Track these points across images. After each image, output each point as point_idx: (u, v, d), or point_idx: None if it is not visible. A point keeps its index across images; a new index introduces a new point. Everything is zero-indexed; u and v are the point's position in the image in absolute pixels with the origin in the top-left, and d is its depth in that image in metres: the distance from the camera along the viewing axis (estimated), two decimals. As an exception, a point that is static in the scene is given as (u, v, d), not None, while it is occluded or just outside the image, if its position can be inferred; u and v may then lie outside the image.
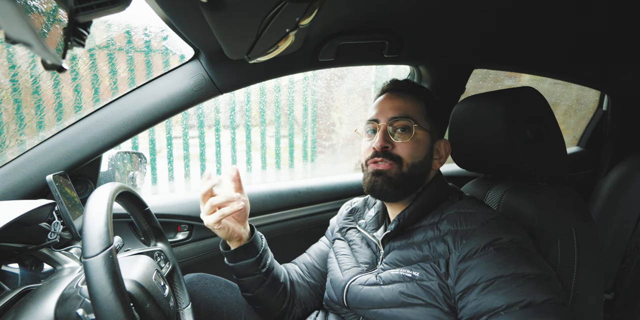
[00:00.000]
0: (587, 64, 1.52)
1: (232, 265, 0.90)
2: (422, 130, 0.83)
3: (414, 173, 0.82)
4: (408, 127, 0.82)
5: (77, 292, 0.60)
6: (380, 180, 0.82)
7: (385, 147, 0.82)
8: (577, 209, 0.84)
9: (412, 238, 0.81)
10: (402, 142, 0.82)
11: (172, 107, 1.04)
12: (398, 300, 0.75)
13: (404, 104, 0.85)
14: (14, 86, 1.50)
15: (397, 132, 0.83)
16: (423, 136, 0.84)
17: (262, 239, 0.94)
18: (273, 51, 0.79)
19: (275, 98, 2.26)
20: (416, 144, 0.82)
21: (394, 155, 0.82)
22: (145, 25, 1.61)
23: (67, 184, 0.97)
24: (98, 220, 0.56)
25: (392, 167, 0.82)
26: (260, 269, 0.90)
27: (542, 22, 1.12)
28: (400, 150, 0.82)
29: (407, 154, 0.82)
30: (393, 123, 0.83)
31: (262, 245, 0.92)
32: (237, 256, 0.89)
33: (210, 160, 2.20)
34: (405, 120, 0.82)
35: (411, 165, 0.82)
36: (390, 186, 0.81)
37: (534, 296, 0.62)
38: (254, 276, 0.90)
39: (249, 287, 0.92)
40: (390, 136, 0.83)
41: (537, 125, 0.86)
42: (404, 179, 0.82)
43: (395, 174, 0.81)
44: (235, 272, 0.91)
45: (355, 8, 0.94)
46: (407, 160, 0.82)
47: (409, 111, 0.84)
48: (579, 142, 2.00)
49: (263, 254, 0.91)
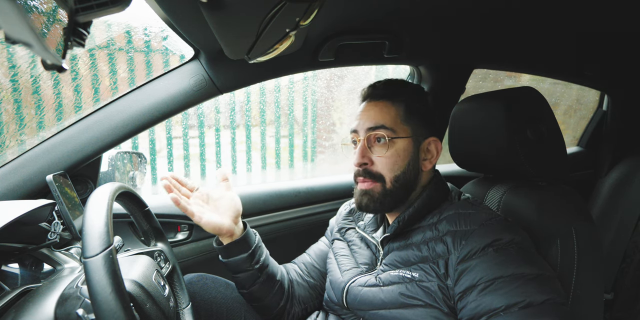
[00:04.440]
0: (587, 64, 1.52)
1: (225, 261, 0.91)
2: (400, 139, 0.82)
3: (399, 186, 0.82)
4: (384, 138, 0.81)
5: (77, 292, 0.60)
6: (366, 199, 0.84)
7: (364, 164, 0.83)
8: (577, 209, 0.84)
9: (411, 239, 0.81)
10: (381, 157, 0.82)
11: (172, 107, 1.04)
12: (398, 302, 0.75)
13: (379, 113, 0.83)
14: (14, 86, 1.49)
15: (376, 144, 0.83)
16: (403, 144, 0.82)
17: (256, 235, 0.95)
18: (273, 51, 0.79)
19: (275, 98, 2.25)
20: (396, 155, 0.82)
21: (374, 174, 0.82)
22: (145, 25, 1.61)
23: (67, 184, 0.97)
24: (98, 220, 0.56)
25: (375, 186, 0.83)
26: (253, 265, 0.91)
27: (542, 22, 1.12)
28: (379, 166, 0.82)
29: (387, 169, 0.82)
30: (370, 136, 0.83)
31: (255, 242, 0.93)
32: (229, 251, 0.90)
33: (210, 160, 2.19)
34: (381, 131, 0.81)
35: (394, 180, 0.82)
36: (376, 204, 0.83)
37: (533, 296, 0.62)
38: (247, 272, 0.91)
39: (244, 283, 0.93)
40: (369, 150, 0.83)
41: (537, 125, 0.86)
42: (389, 196, 0.82)
43: (379, 193, 0.82)
44: (229, 268, 0.92)
45: (355, 8, 0.94)
46: (389, 175, 0.82)
47: (385, 121, 0.82)
48: (579, 142, 2.00)
49: (256, 250, 0.92)
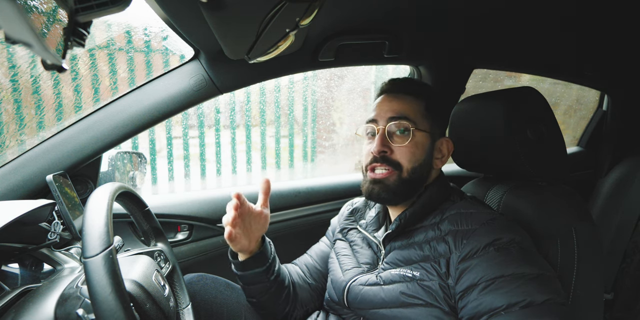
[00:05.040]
0: (587, 64, 1.52)
1: (241, 274, 0.89)
2: (421, 131, 0.83)
3: (414, 177, 0.82)
4: (407, 129, 0.82)
5: (77, 292, 0.60)
6: (377, 188, 0.82)
7: (383, 152, 0.82)
8: (577, 209, 0.84)
9: (413, 238, 0.81)
10: (401, 146, 0.82)
11: (172, 107, 1.04)
12: (398, 300, 0.75)
13: (402, 105, 0.84)
14: (14, 86, 1.49)
15: (395, 135, 0.83)
16: (422, 137, 0.83)
17: (271, 245, 0.93)
18: (273, 51, 0.79)
19: (275, 98, 2.25)
20: (415, 146, 0.82)
21: (392, 161, 0.82)
22: (145, 25, 1.61)
23: (67, 184, 0.97)
24: (98, 220, 0.56)
25: (390, 175, 0.82)
26: (269, 277, 0.89)
27: (542, 22, 1.12)
28: (398, 155, 0.82)
29: (406, 158, 0.81)
30: (391, 125, 0.83)
31: (271, 253, 0.91)
32: (245, 266, 0.88)
33: (210, 160, 2.19)
34: (403, 121, 0.82)
35: (411, 170, 0.82)
36: (389, 193, 0.82)
37: (534, 296, 0.62)
38: (262, 284, 0.89)
39: (255, 294, 0.91)
40: (389, 139, 0.83)
41: (537, 125, 0.86)
42: (403, 185, 0.82)
43: (394, 181, 0.82)
44: (243, 280, 0.90)
45: (355, 8, 0.94)
46: (407, 165, 0.81)
47: (408, 112, 0.83)
48: (579, 142, 2.00)
49: (272, 262, 0.90)
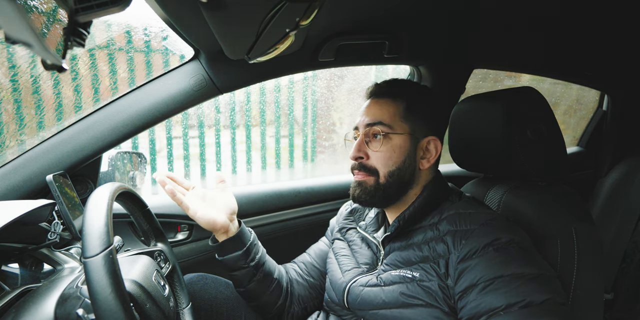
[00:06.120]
0: (587, 64, 1.52)
1: (222, 259, 0.92)
2: (398, 135, 0.83)
3: (392, 181, 0.83)
4: (380, 134, 0.83)
5: (77, 292, 0.60)
6: (359, 191, 0.85)
7: (360, 158, 0.84)
8: (577, 209, 0.83)
9: (412, 239, 0.81)
10: (376, 151, 0.83)
11: (172, 107, 1.04)
12: (398, 301, 0.75)
13: (379, 110, 0.85)
14: (14, 86, 1.49)
15: (373, 140, 0.84)
16: (400, 140, 0.83)
17: (251, 233, 0.96)
18: (273, 51, 0.79)
19: (275, 98, 2.26)
20: (391, 151, 0.82)
21: (368, 167, 0.84)
22: (145, 25, 1.61)
23: (67, 184, 0.97)
24: (98, 220, 0.56)
25: (368, 179, 0.84)
26: (249, 262, 0.91)
27: (541, 22, 1.12)
28: (374, 160, 0.83)
29: (381, 164, 0.83)
30: (368, 130, 0.84)
31: (250, 239, 0.93)
32: (224, 249, 0.91)
33: (210, 160, 2.19)
34: (377, 127, 0.83)
35: (388, 175, 0.83)
36: (368, 196, 0.84)
37: (533, 296, 0.62)
38: (243, 270, 0.92)
39: (241, 281, 0.93)
40: (366, 145, 0.85)
41: (537, 125, 0.86)
42: (381, 189, 0.83)
43: (371, 186, 0.83)
44: (226, 266, 0.93)
45: (355, 8, 0.94)
46: (383, 170, 0.83)
47: (382, 117, 0.83)
48: (579, 142, 2.00)
49: (251, 248, 0.93)
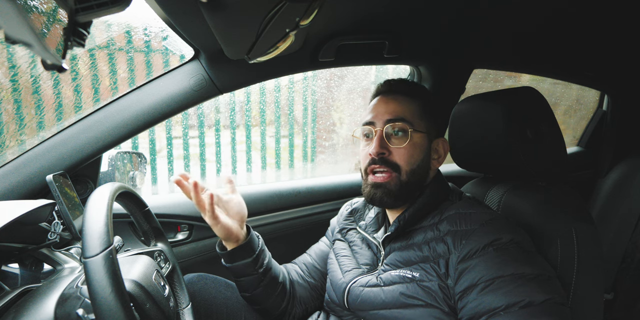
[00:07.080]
0: (587, 64, 1.52)
1: (230, 266, 0.90)
2: (418, 132, 0.83)
3: (413, 179, 0.82)
4: (404, 130, 0.82)
5: (77, 292, 0.60)
6: (380, 193, 0.82)
7: (382, 154, 0.82)
8: (577, 209, 0.83)
9: (412, 239, 0.81)
10: (399, 148, 0.82)
11: (172, 107, 1.04)
12: (398, 302, 0.75)
13: (399, 106, 0.84)
14: (14, 86, 1.50)
15: (393, 137, 0.83)
16: (420, 139, 0.83)
17: (259, 238, 0.94)
18: (273, 51, 0.79)
19: (275, 98, 2.26)
20: (413, 148, 0.82)
21: (391, 163, 0.82)
22: (145, 25, 1.61)
23: (67, 184, 0.97)
24: (98, 220, 0.56)
25: (391, 178, 0.82)
26: (257, 269, 0.90)
27: (541, 22, 1.12)
28: (397, 156, 0.82)
29: (404, 160, 0.82)
30: (389, 127, 0.83)
31: (258, 245, 0.92)
32: (234, 257, 0.89)
33: (210, 160, 2.19)
34: (400, 123, 0.82)
35: (410, 172, 0.82)
36: (390, 197, 0.82)
37: (533, 296, 0.62)
38: (251, 276, 0.90)
39: (247, 287, 0.92)
40: (387, 141, 0.83)
41: (537, 125, 0.86)
42: (404, 188, 0.82)
43: (394, 185, 0.82)
44: (233, 273, 0.91)
45: (355, 8, 0.94)
46: (405, 167, 0.82)
47: (405, 113, 0.83)
48: (579, 142, 2.00)
49: (260, 254, 0.91)
